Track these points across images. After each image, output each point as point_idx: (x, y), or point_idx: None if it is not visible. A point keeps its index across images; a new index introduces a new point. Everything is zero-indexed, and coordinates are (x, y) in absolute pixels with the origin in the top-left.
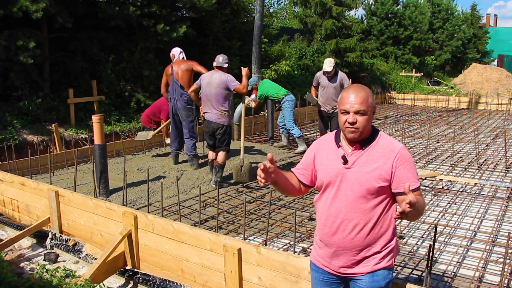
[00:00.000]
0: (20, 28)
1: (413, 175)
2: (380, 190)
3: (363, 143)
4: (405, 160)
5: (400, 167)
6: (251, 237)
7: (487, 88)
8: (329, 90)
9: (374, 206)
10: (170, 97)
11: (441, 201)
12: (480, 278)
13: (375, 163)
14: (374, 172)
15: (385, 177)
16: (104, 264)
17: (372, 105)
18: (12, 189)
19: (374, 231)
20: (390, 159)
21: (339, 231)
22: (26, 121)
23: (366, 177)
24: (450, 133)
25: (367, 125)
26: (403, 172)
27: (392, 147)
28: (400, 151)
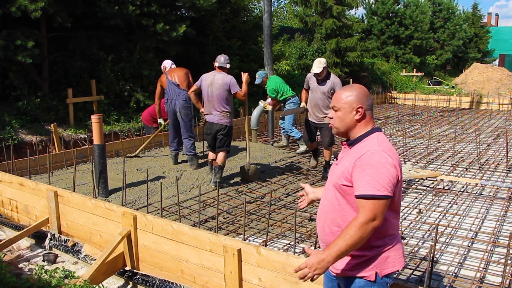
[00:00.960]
0: (18, 28)
1: (367, 181)
2: (345, 190)
3: (351, 142)
4: (365, 164)
5: (358, 169)
6: (251, 238)
7: (488, 88)
8: (317, 95)
9: (343, 204)
10: (167, 98)
11: (442, 202)
12: (481, 279)
13: (346, 161)
14: (341, 169)
15: (346, 176)
16: (103, 265)
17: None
18: (10, 189)
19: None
20: (354, 159)
21: (318, 223)
22: (24, 121)
23: (337, 174)
24: (451, 133)
25: (340, 122)
26: (358, 174)
27: (363, 149)
28: (366, 154)
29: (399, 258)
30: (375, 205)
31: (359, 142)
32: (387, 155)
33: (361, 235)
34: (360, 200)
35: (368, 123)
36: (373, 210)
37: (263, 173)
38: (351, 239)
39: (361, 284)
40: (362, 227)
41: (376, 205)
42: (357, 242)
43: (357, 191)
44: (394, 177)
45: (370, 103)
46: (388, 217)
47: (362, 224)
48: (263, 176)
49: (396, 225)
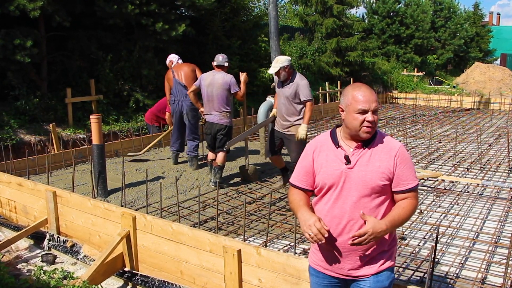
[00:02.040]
0: (17, 27)
1: (412, 174)
2: (384, 189)
3: (365, 142)
4: (405, 159)
5: (400, 165)
6: (251, 238)
7: (490, 88)
8: (280, 100)
9: (378, 204)
10: (174, 99)
11: (443, 202)
12: (482, 279)
13: (377, 161)
14: (378, 170)
15: (387, 175)
16: (103, 266)
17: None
18: (9, 190)
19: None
20: (391, 157)
21: (345, 232)
22: (23, 121)
23: (370, 176)
24: (452, 133)
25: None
26: (403, 170)
27: (392, 146)
28: (400, 150)
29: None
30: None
31: (373, 140)
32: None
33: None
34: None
35: None
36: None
37: (263, 173)
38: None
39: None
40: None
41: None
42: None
43: (406, 185)
44: None
45: None
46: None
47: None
48: (263, 176)
49: None
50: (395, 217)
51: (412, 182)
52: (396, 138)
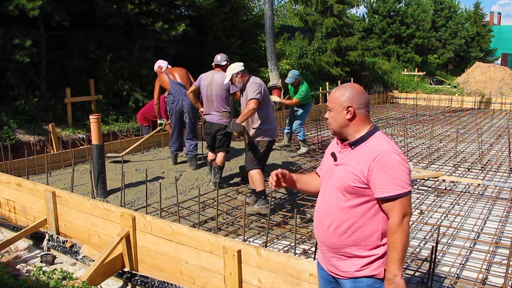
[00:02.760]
0: (16, 27)
1: (391, 181)
2: (358, 191)
3: (353, 143)
4: (384, 165)
5: (377, 171)
6: (251, 239)
7: (490, 87)
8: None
9: (353, 206)
10: (173, 99)
11: (444, 202)
12: (483, 280)
13: (355, 162)
14: (351, 171)
15: (360, 178)
16: (102, 266)
17: (339, 103)
18: (8, 190)
19: (353, 233)
20: (368, 161)
21: (319, 226)
22: (22, 121)
23: (344, 175)
24: (453, 133)
25: (333, 122)
26: (379, 176)
27: (375, 150)
28: (381, 154)
29: None
30: (403, 203)
31: (363, 142)
32: (399, 153)
33: (404, 235)
34: (388, 203)
35: (364, 123)
36: (403, 208)
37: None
38: (401, 244)
39: (369, 282)
40: (400, 229)
41: (404, 202)
42: (405, 243)
43: (382, 193)
44: (409, 171)
45: (363, 102)
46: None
47: (399, 226)
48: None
49: None
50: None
51: (389, 190)
52: (396, 138)
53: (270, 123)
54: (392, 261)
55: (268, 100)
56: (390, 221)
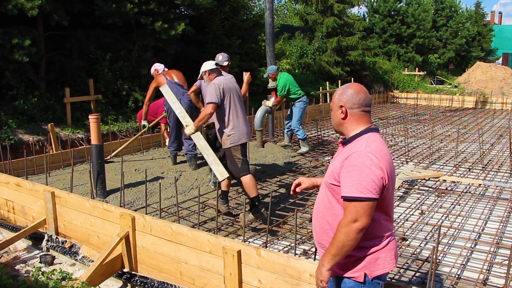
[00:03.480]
0: (15, 26)
1: (351, 183)
2: (335, 189)
3: (345, 141)
4: (351, 165)
5: (344, 170)
6: (251, 239)
7: (491, 87)
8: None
9: (334, 203)
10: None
11: (445, 202)
12: (484, 280)
13: (335, 161)
14: (331, 168)
15: (335, 175)
16: (101, 267)
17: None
18: (7, 190)
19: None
20: (342, 160)
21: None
22: (21, 121)
23: (328, 173)
24: (454, 133)
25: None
26: (344, 175)
27: (351, 149)
28: (352, 155)
29: (390, 260)
30: (357, 207)
31: (351, 142)
32: (374, 156)
33: (345, 237)
34: (344, 202)
35: (359, 123)
36: (355, 212)
37: (263, 173)
38: (338, 242)
39: (350, 284)
40: (344, 229)
41: (358, 207)
42: (344, 244)
43: (342, 192)
44: (379, 179)
45: (356, 102)
46: (378, 218)
47: (344, 226)
48: (263, 176)
49: (387, 227)
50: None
51: (347, 190)
52: (397, 138)
53: (234, 126)
54: (327, 252)
55: (231, 102)
56: (341, 219)
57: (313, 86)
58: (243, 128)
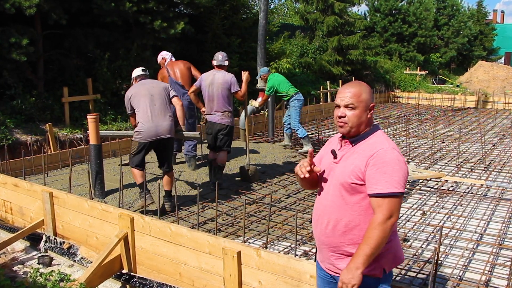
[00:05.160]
0: (13, 25)
1: (384, 179)
2: (355, 188)
3: (355, 140)
4: (381, 162)
5: (373, 167)
6: (251, 240)
7: (493, 87)
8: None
9: (351, 204)
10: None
11: (447, 203)
12: (486, 282)
13: (355, 159)
14: (350, 167)
15: (357, 174)
16: (100, 268)
17: (365, 101)
18: (5, 191)
19: (351, 232)
20: (366, 157)
21: (318, 224)
22: (19, 121)
23: (344, 172)
24: (455, 133)
25: (357, 121)
26: (373, 173)
27: (374, 147)
28: (379, 151)
29: (400, 252)
30: (392, 203)
31: (364, 139)
32: (398, 152)
33: (383, 235)
34: (377, 199)
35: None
36: (390, 208)
37: (263, 174)
38: (375, 242)
39: (370, 282)
40: (381, 227)
41: (392, 202)
42: (380, 242)
43: (373, 189)
44: (406, 174)
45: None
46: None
47: (381, 224)
48: (264, 177)
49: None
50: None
51: (381, 187)
52: (398, 138)
53: (139, 127)
54: (361, 254)
55: (137, 105)
56: (375, 217)
57: (313, 85)
58: (152, 129)
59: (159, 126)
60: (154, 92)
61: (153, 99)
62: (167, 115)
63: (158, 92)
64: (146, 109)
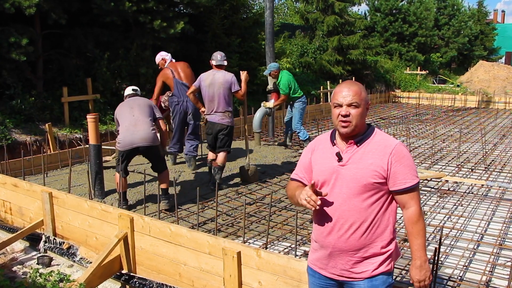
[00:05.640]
0: (12, 25)
1: (410, 172)
2: (376, 187)
3: (358, 139)
4: (401, 156)
5: (396, 163)
6: (251, 240)
7: (494, 87)
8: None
9: (370, 204)
10: (177, 100)
11: (447, 203)
12: (487, 282)
13: (370, 159)
14: (369, 167)
15: (380, 173)
16: (99, 268)
17: (365, 99)
18: (4, 191)
19: (371, 231)
20: (385, 155)
21: (334, 231)
22: (18, 120)
23: (361, 173)
24: (456, 133)
25: (360, 119)
26: (399, 168)
27: (387, 143)
28: (396, 147)
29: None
30: (418, 192)
31: (368, 138)
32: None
33: (424, 222)
34: (408, 193)
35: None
36: (418, 197)
37: (263, 174)
38: (424, 231)
39: (384, 278)
40: (422, 217)
41: (418, 192)
42: (425, 229)
43: (403, 184)
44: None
45: None
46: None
47: (420, 214)
48: (264, 177)
49: None
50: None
51: (410, 180)
52: (398, 138)
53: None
54: (420, 248)
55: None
56: (411, 210)
57: (313, 85)
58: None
59: (134, 135)
60: (134, 104)
61: (132, 111)
62: (146, 125)
63: (138, 104)
64: (124, 120)
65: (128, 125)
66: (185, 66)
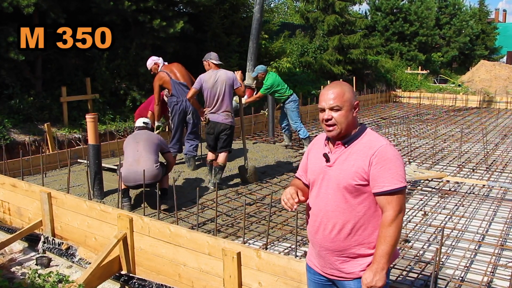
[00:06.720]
0: (11, 24)
1: (391, 176)
2: (359, 189)
3: (346, 141)
4: (384, 159)
5: (377, 165)
6: (251, 241)
7: (495, 86)
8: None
9: (355, 205)
10: (177, 100)
11: (448, 203)
12: (488, 283)
13: (353, 160)
14: (351, 169)
15: (361, 174)
16: (99, 269)
17: (349, 100)
18: (3, 191)
19: (357, 233)
20: (367, 156)
21: (320, 230)
22: (17, 120)
23: (343, 175)
24: (457, 133)
25: (345, 121)
26: (379, 171)
27: (373, 145)
28: (380, 149)
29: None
30: (400, 198)
31: (356, 139)
32: (394, 147)
33: (398, 230)
34: (385, 197)
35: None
36: (399, 202)
37: (263, 174)
38: (393, 239)
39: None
40: (395, 223)
41: (401, 197)
42: (397, 239)
43: (381, 187)
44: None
45: None
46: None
47: (394, 220)
48: (264, 177)
49: None
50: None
51: (389, 184)
52: (399, 138)
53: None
54: (383, 254)
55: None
56: (386, 215)
57: (314, 85)
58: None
59: (138, 173)
60: (140, 139)
61: (137, 146)
62: (149, 161)
63: (145, 139)
64: (128, 155)
65: (132, 161)
66: (179, 66)
